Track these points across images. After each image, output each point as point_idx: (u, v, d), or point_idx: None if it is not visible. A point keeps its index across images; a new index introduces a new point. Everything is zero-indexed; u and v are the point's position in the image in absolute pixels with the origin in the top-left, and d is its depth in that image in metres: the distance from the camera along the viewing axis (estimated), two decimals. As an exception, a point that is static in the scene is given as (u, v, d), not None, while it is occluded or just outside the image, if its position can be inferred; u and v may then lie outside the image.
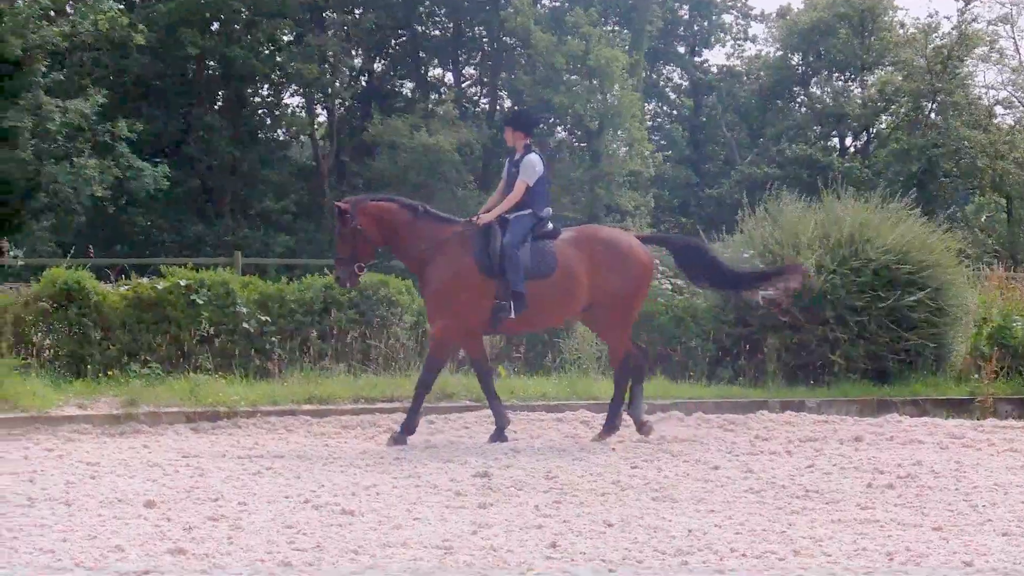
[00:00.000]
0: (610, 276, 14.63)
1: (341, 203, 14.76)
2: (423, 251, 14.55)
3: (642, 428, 14.89)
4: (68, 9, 40.58)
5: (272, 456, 13.23)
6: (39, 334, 17.26)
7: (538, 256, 14.45)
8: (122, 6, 42.32)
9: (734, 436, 15.38)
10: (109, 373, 17.13)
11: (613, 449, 14.07)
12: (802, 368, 19.93)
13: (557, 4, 51.99)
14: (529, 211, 14.62)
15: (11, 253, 18.82)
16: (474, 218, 14.78)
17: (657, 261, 18.70)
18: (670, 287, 20.55)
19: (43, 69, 39.08)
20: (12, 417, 15.14)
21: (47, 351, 17.22)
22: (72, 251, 21.49)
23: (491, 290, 14.36)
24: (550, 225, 14.87)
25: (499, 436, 14.48)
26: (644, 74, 51.35)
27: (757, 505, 10.62)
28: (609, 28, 52.48)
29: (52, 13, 39.58)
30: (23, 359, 16.81)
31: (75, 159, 37.96)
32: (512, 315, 14.29)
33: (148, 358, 17.52)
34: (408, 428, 14.39)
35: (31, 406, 15.49)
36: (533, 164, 14.69)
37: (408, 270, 15.91)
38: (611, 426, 14.86)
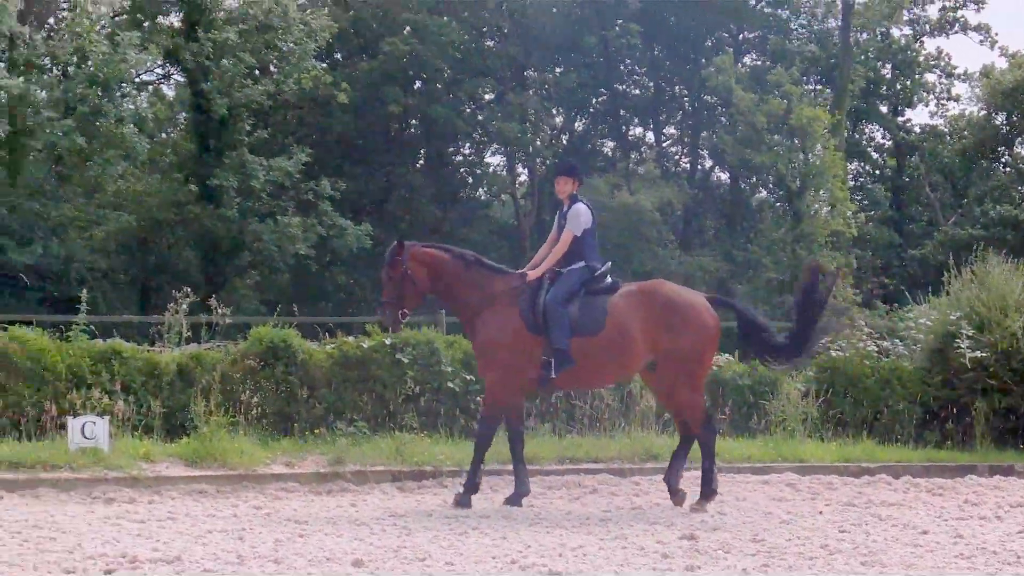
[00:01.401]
0: (669, 335, 14.06)
1: (393, 246, 14.68)
2: (473, 302, 14.35)
3: (675, 496, 14.34)
4: (272, 68, 41.13)
5: (478, 516, 13.36)
6: (247, 392, 17.31)
7: (587, 312, 14.07)
8: (325, 65, 42.85)
9: (943, 500, 15.35)
10: (315, 431, 17.28)
11: (820, 512, 14.03)
12: (1011, 432, 19.65)
13: (759, 63, 51.58)
14: (581, 264, 14.31)
15: (218, 311, 18.80)
16: (527, 279, 14.45)
17: (862, 323, 18.22)
18: (875, 349, 20.27)
19: (248, 128, 39.63)
20: (221, 475, 15.40)
21: (254, 409, 17.21)
22: (278, 309, 21.58)
23: (538, 347, 14.04)
24: (608, 279, 14.46)
25: (515, 501, 14.21)
26: (846, 133, 50.53)
27: (968, 571, 10.44)
28: (811, 87, 51.89)
29: (256, 72, 40.17)
30: (231, 417, 16.81)
31: (279, 217, 38.36)
32: (553, 374, 13.96)
33: (354, 416, 17.56)
34: (469, 487, 14.28)
35: (239, 464, 15.75)
36: (579, 214, 14.42)
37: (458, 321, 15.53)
38: (708, 492, 14.21)
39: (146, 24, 40.03)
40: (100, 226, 39.15)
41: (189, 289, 19.17)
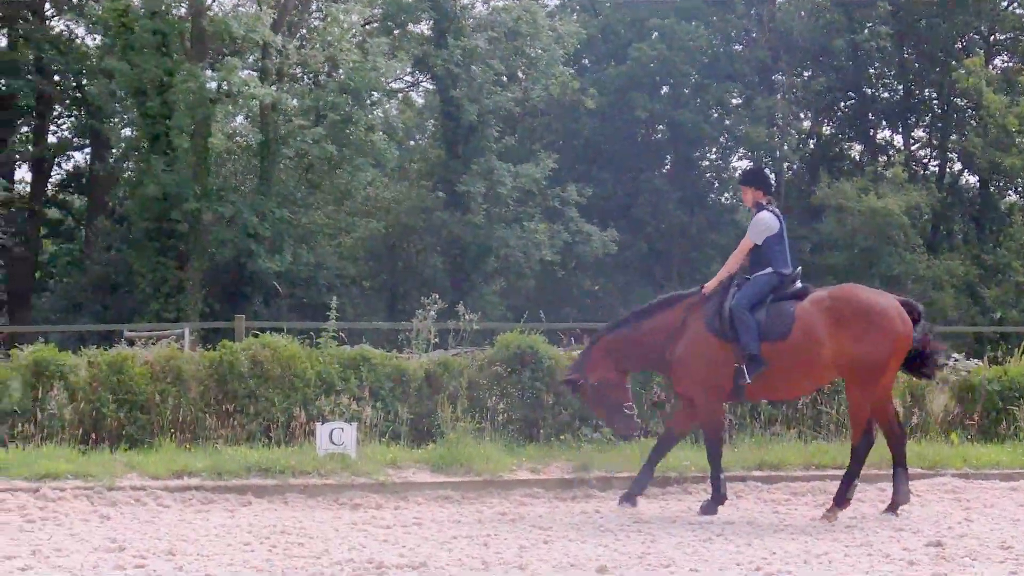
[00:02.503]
0: (856, 341, 13.53)
1: (567, 379, 14.80)
2: (661, 344, 14.17)
3: (892, 508, 13.86)
4: (520, 74, 41.35)
5: (723, 523, 13.31)
6: (493, 398, 17.34)
7: (774, 317, 13.72)
8: (573, 70, 42.91)
9: None
10: (561, 437, 17.31)
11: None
12: None
13: (1010, 64, 50.24)
14: (768, 270, 14.00)
15: (465, 317, 18.86)
16: (704, 289, 14.27)
17: None
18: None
19: (495, 134, 39.89)
20: (467, 480, 15.43)
21: (500, 415, 17.24)
22: (524, 315, 21.58)
23: (729, 355, 13.75)
24: (798, 284, 14.11)
25: (710, 509, 14.03)
26: (1101, 136, 49.02)
27: None
28: (1062, 88, 50.44)
29: (505, 79, 40.41)
30: (477, 423, 16.87)
31: (525, 223, 38.54)
32: (747, 379, 13.62)
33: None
34: (716, 498, 14.11)
35: (484, 469, 15.77)
36: (760, 221, 14.11)
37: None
38: (841, 500, 13.72)
39: (396, 32, 40.65)
40: (349, 233, 39.88)
41: (436, 295, 19.28)
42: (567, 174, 42.41)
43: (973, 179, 52.04)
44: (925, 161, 53.46)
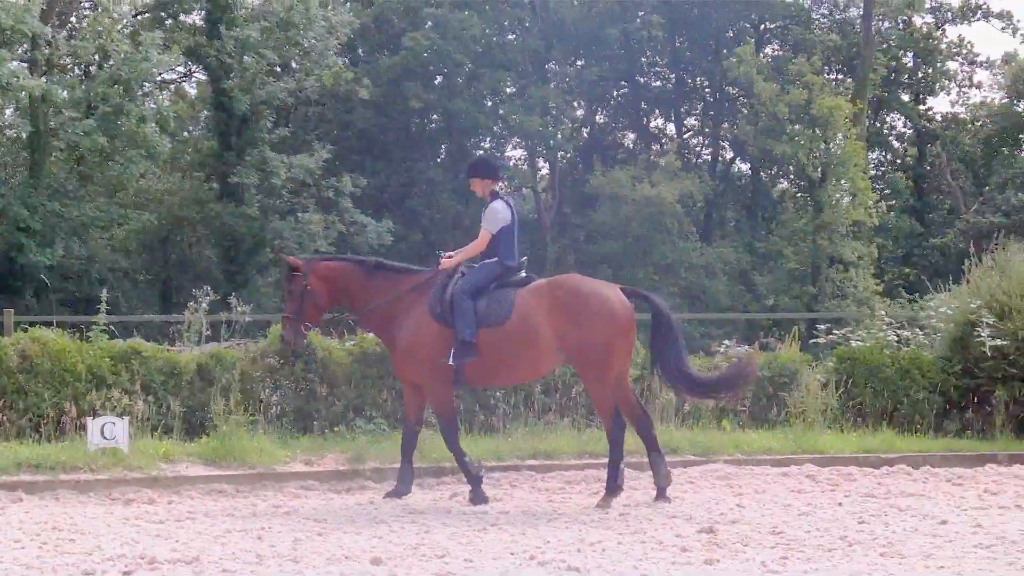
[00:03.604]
0: (575, 326, 13.85)
1: (292, 260, 14.73)
2: (381, 306, 14.37)
3: (661, 496, 14.15)
4: (293, 65, 41.16)
5: (497, 512, 13.39)
6: (266, 390, 17.28)
7: (494, 304, 13.99)
8: (346, 61, 42.84)
9: (962, 490, 15.26)
10: (335, 429, 17.29)
11: (840, 504, 13.98)
12: (1031, 420, 19.37)
13: (779, 53, 51.45)
14: (495, 260, 14.28)
15: (238, 309, 18.80)
16: (441, 257, 14.55)
17: (882, 312, 18.10)
18: (896, 338, 20.25)
19: (269, 125, 39.67)
20: (240, 474, 15.40)
21: (274, 407, 17.21)
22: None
23: (450, 340, 13.96)
24: (523, 274, 14.44)
25: (396, 494, 14.29)
26: (868, 122, 50.38)
27: (987, 561, 10.43)
28: (832, 77, 51.74)
29: (278, 69, 40.19)
30: (251, 416, 16.82)
31: (300, 214, 38.42)
32: (451, 362, 13.86)
33: (373, 414, 17.47)
34: (474, 482, 14.26)
35: (258, 462, 15.74)
36: (495, 211, 14.37)
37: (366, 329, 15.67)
38: (612, 487, 14.03)
39: (168, 22, 40.12)
40: (122, 225, 39.25)
41: (209, 288, 19.18)
42: (342, 165, 42.35)
43: (745, 166, 53.26)
44: (698, 149, 54.56)
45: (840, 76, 52.60)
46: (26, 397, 16.61)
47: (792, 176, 50.74)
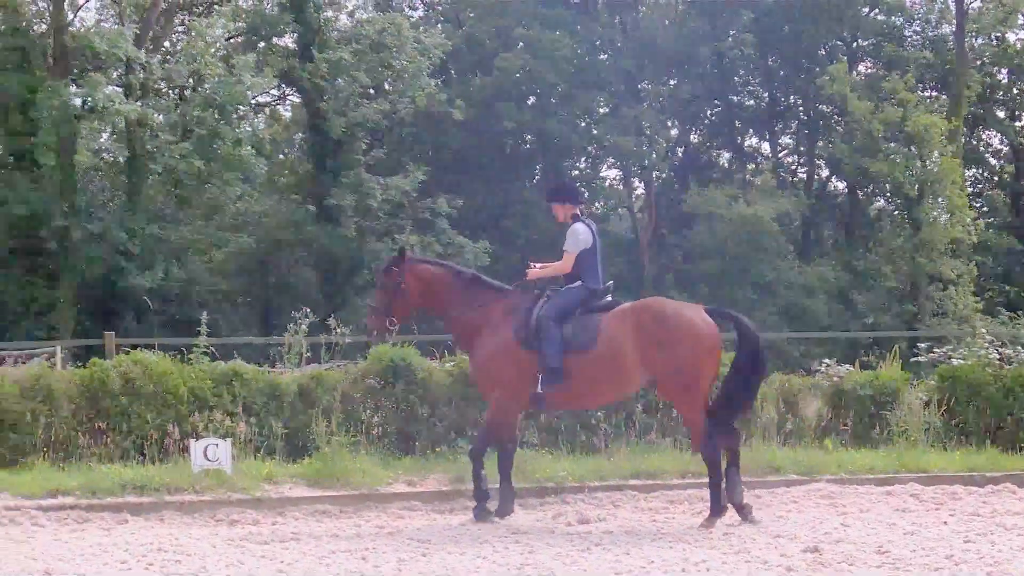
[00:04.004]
0: (661, 349, 13.69)
1: (394, 256, 14.82)
2: (468, 319, 14.38)
3: (742, 512, 13.88)
4: (387, 87, 41.34)
5: (601, 532, 13.28)
6: (367, 411, 17.27)
7: (581, 329, 13.88)
8: (439, 82, 42.97)
9: None
10: (437, 450, 17.20)
11: (945, 523, 13.77)
12: None
13: (873, 71, 51.03)
14: (578, 284, 14.22)
15: (338, 330, 18.82)
16: (527, 268, 14.59)
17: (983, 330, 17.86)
18: (998, 357, 19.95)
19: (364, 147, 39.86)
20: (344, 494, 15.34)
21: (375, 428, 17.20)
22: (397, 328, 21.56)
23: (532, 363, 13.90)
24: (608, 298, 14.33)
25: (485, 516, 14.14)
26: (963, 139, 49.88)
27: None
28: (926, 94, 51.26)
29: (371, 91, 40.39)
30: (353, 437, 16.80)
31: (396, 235, 38.52)
32: (539, 389, 13.84)
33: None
34: (478, 496, 14.30)
35: (361, 483, 15.68)
36: (576, 233, 14.29)
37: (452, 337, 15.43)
38: (716, 508, 13.77)
39: (261, 46, 40.44)
40: (220, 248, 39.57)
41: (308, 309, 19.20)
42: (437, 186, 42.43)
43: (841, 185, 52.81)
44: (793, 168, 54.16)
45: (934, 93, 52.07)
46: (129, 419, 16.71)
47: (889, 194, 50.26)
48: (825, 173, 53.10)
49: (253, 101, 41.66)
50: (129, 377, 16.87)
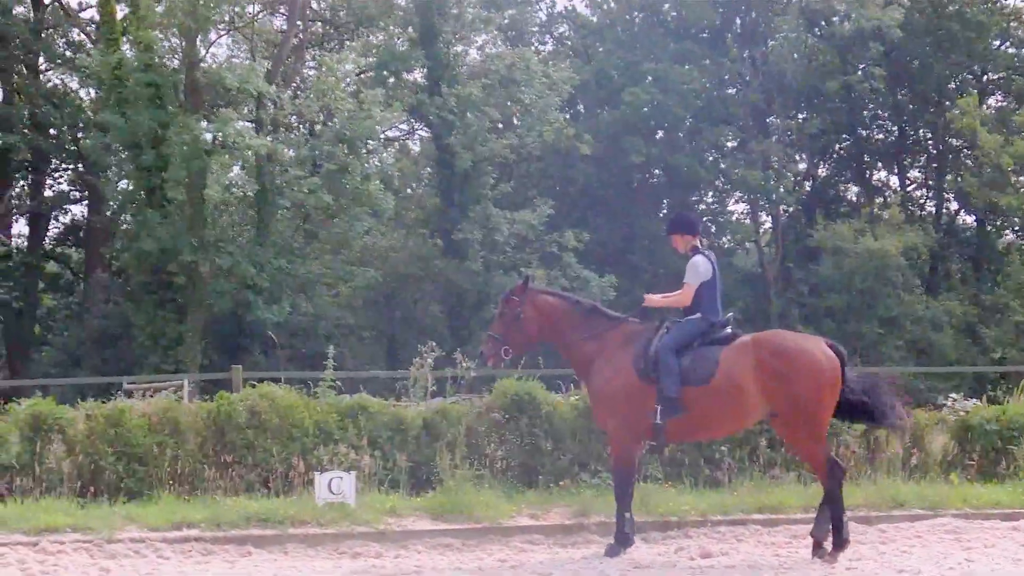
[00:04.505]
0: (782, 383, 13.53)
1: (516, 285, 14.81)
2: (587, 350, 14.32)
3: (817, 551, 13.67)
4: (515, 121, 41.45)
5: (723, 567, 13.31)
6: (492, 445, 17.29)
7: (699, 362, 13.78)
8: (567, 116, 43.01)
9: None
10: (560, 483, 17.17)
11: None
12: None
13: (1004, 104, 50.36)
14: (698, 316, 14.11)
15: (463, 364, 18.84)
16: (645, 297, 14.57)
17: None
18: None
19: (491, 181, 39.97)
20: (467, 528, 15.35)
21: (499, 462, 17.20)
22: (522, 361, 21.59)
23: (651, 395, 13.80)
24: (728, 331, 14.20)
25: (613, 552, 13.99)
26: (1094, 172, 49.14)
27: None
28: (1057, 126, 50.54)
29: (499, 125, 40.51)
30: (477, 470, 16.81)
31: (522, 269, 38.50)
32: (658, 420, 13.71)
33: (598, 468, 17.36)
34: (620, 540, 14.11)
35: (484, 516, 15.68)
36: (696, 265, 14.23)
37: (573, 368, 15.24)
38: (838, 541, 13.55)
39: (390, 81, 40.72)
40: (347, 282, 39.80)
41: (434, 343, 19.26)
42: (563, 220, 42.45)
43: (970, 219, 52.14)
44: (921, 201, 53.53)
45: (1065, 126, 51.27)
46: (255, 452, 16.84)
47: (1018, 228, 49.62)
48: (954, 207, 52.42)
49: (382, 136, 41.96)
50: (255, 410, 17.02)
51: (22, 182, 44.14)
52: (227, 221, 39.78)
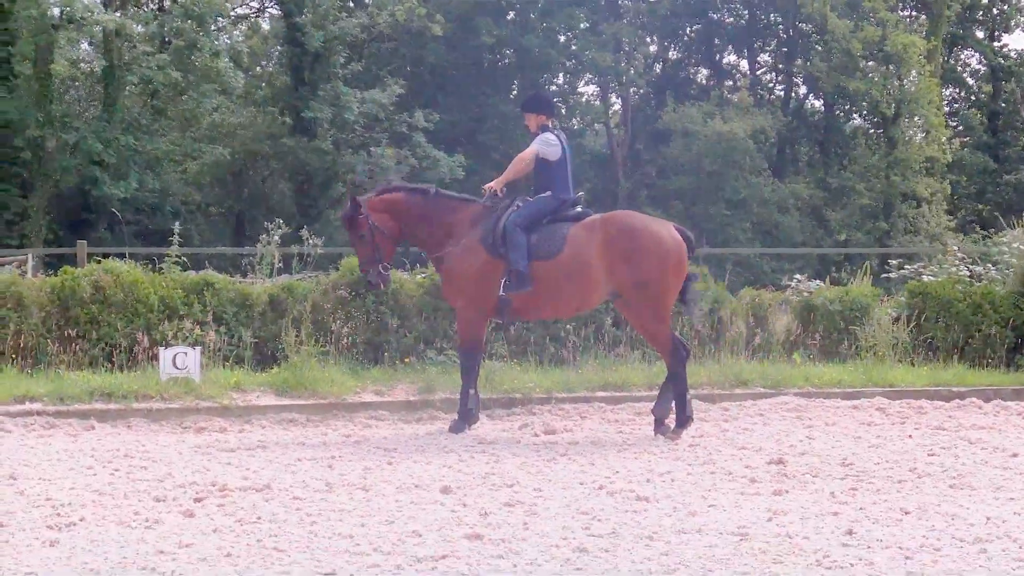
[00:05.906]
0: (627, 263, 13.72)
1: (348, 206, 14.57)
2: (438, 234, 14.33)
3: (659, 428, 13.92)
4: (366, 0, 41.12)
5: (567, 443, 13.33)
6: (337, 322, 17.28)
7: (547, 238, 13.91)
8: (419, -4, 42.78)
9: None
10: (405, 360, 17.20)
11: (910, 436, 13.89)
12: (1104, 353, 19.26)
13: (854, -12, 50.88)
14: (548, 193, 14.20)
15: (310, 242, 18.85)
16: (485, 187, 14.50)
17: (955, 248, 17.86)
18: (968, 274, 20.11)
19: (342, 60, 39.69)
20: (311, 403, 15.40)
21: (345, 339, 17.21)
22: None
23: (498, 270, 13.92)
24: (578, 209, 14.33)
25: (458, 427, 14.12)
26: (942, 59, 49.87)
27: None
28: (906, 14, 51.16)
29: (351, 5, 40.19)
30: (322, 347, 16.86)
31: (372, 149, 38.45)
32: (503, 292, 13.82)
33: (444, 345, 17.46)
34: (462, 415, 14.21)
35: (329, 393, 15.74)
36: (547, 140, 14.30)
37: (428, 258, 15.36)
38: (683, 419, 13.79)
39: (241, -44, 40.17)
40: (195, 159, 39.47)
41: (281, 221, 19.22)
42: (414, 99, 42.30)
43: (818, 103, 52.84)
44: (771, 85, 54.15)
45: (914, 13, 52.00)
46: (99, 327, 16.71)
47: (865, 112, 50.38)
48: (803, 91, 53.09)
49: (232, 13, 41.41)
50: (100, 285, 16.86)
51: None
52: (74, 97, 39.17)
